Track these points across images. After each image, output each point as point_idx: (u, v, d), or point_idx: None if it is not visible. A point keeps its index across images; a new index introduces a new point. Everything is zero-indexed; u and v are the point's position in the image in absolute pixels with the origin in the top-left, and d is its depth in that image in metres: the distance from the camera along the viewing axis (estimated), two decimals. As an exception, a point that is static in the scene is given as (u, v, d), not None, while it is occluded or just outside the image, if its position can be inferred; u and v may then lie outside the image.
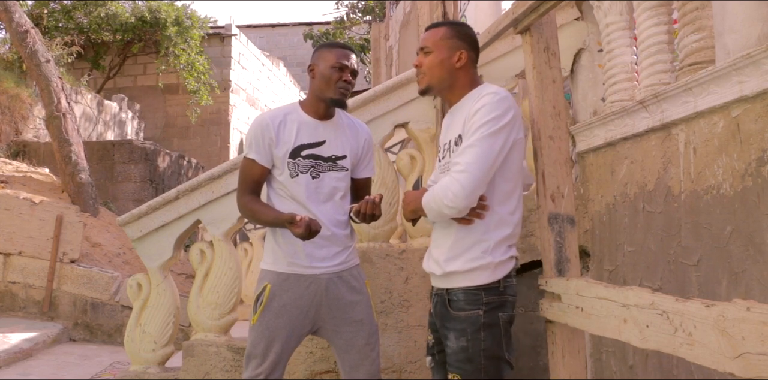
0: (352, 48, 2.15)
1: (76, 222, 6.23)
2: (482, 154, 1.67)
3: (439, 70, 1.83)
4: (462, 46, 1.83)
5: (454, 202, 1.67)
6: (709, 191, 1.95)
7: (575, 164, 2.88)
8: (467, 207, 1.70)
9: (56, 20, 11.46)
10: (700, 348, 1.12)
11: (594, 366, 2.74)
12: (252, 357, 2.04)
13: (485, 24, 3.90)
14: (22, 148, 8.74)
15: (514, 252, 1.79)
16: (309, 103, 2.11)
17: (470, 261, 1.73)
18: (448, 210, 1.69)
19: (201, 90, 11.95)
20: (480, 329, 1.71)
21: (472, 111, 1.73)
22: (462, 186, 1.65)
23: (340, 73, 2.04)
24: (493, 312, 1.72)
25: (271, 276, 2.07)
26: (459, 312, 1.74)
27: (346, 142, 2.12)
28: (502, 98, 1.73)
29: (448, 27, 1.86)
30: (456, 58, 1.81)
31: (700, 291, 2.00)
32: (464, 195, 1.66)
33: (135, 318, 2.94)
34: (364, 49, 13.75)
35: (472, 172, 1.66)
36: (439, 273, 1.80)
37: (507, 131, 1.70)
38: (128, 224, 3.01)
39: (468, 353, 1.71)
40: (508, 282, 1.76)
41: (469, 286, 1.73)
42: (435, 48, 1.83)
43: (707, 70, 1.89)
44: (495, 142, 1.68)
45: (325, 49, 2.10)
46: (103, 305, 6.07)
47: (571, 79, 3.06)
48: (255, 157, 2.06)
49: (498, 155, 1.69)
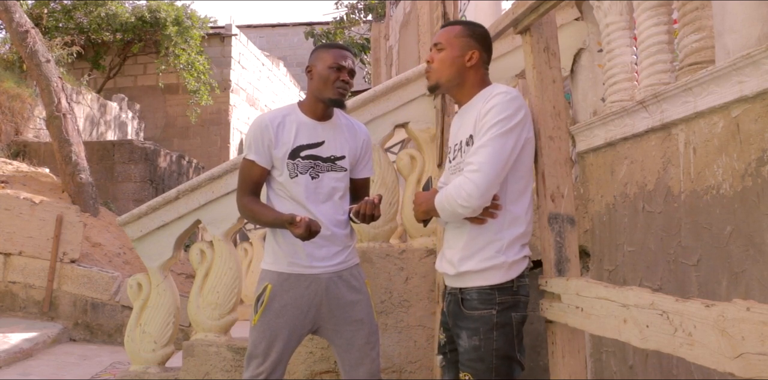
0: (349, 49, 2.15)
1: (76, 222, 6.24)
2: (495, 153, 1.67)
3: (449, 68, 1.83)
4: (475, 46, 1.83)
5: (468, 202, 1.67)
6: (709, 191, 1.95)
7: (575, 164, 2.88)
8: (481, 207, 1.70)
9: (56, 20, 11.47)
10: (700, 348, 1.12)
11: (594, 366, 2.74)
12: (253, 357, 2.04)
13: (485, 24, 3.89)
14: (23, 148, 8.74)
15: (528, 251, 1.79)
16: (307, 103, 2.11)
17: (484, 261, 1.73)
18: (462, 209, 1.70)
19: (201, 90, 11.96)
20: (492, 328, 1.71)
21: (483, 111, 1.73)
22: (476, 185, 1.65)
23: (338, 73, 2.04)
24: (506, 312, 1.72)
25: (272, 277, 2.07)
26: (472, 311, 1.74)
27: (344, 143, 2.12)
28: (513, 97, 1.73)
29: (463, 26, 1.87)
30: (468, 57, 1.82)
31: (700, 291, 2.00)
32: (479, 194, 1.66)
33: (135, 318, 2.94)
34: (365, 49, 13.73)
35: (485, 172, 1.66)
36: (453, 273, 1.80)
37: (519, 130, 1.71)
38: (128, 224, 3.01)
39: (480, 352, 1.71)
40: (522, 281, 1.75)
41: (483, 286, 1.73)
42: (448, 45, 1.83)
43: (707, 70, 1.89)
44: (507, 141, 1.68)
45: (322, 50, 2.11)
46: (103, 305, 6.07)
47: (571, 79, 3.06)
48: (254, 158, 2.07)
49: (510, 154, 1.69)
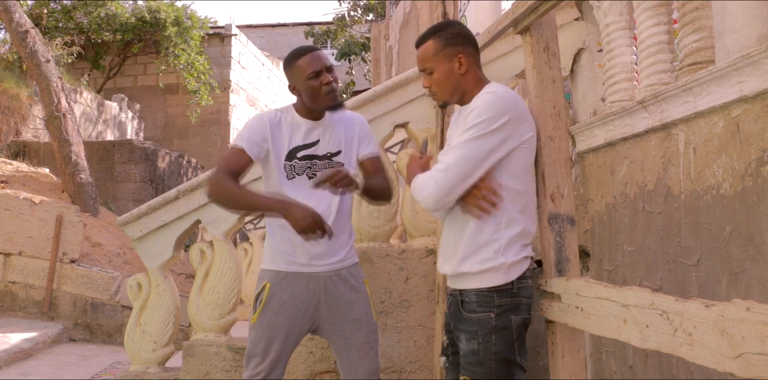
0: (313, 47, 2.08)
1: (76, 222, 6.24)
2: (466, 156, 1.65)
3: (447, 84, 1.79)
4: (457, 50, 1.76)
5: (426, 200, 1.70)
6: (709, 191, 1.95)
7: (575, 164, 2.88)
8: (438, 208, 1.72)
9: (56, 20, 11.48)
10: (699, 348, 1.12)
11: (594, 366, 2.74)
12: (252, 356, 2.04)
13: (485, 24, 3.90)
14: (22, 148, 8.75)
15: (529, 251, 1.75)
16: (302, 106, 2.09)
17: (482, 263, 1.70)
18: (422, 204, 1.73)
19: (201, 90, 11.97)
20: (491, 332, 1.68)
21: (468, 110, 1.72)
22: (439, 187, 1.66)
23: (318, 79, 1.99)
24: (505, 315, 1.68)
25: (270, 275, 2.07)
26: (471, 314, 1.71)
27: (339, 137, 2.11)
28: (500, 98, 1.69)
29: (434, 39, 1.78)
30: (457, 65, 1.76)
31: (699, 291, 2.00)
32: (437, 196, 1.67)
33: (135, 318, 2.94)
34: (365, 48, 13.71)
35: (451, 173, 1.65)
36: (452, 273, 1.77)
37: (500, 134, 1.66)
38: (128, 224, 3.01)
39: (479, 356, 1.68)
40: (522, 283, 1.71)
41: (481, 288, 1.70)
42: (434, 65, 1.78)
43: (707, 70, 1.89)
44: (483, 144, 1.65)
45: (291, 64, 2.03)
46: (103, 305, 6.07)
47: (571, 79, 3.06)
48: (245, 146, 2.01)
49: (486, 158, 1.65)
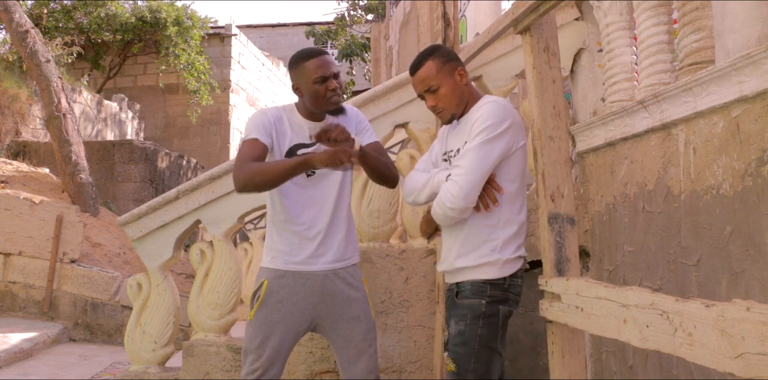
0: (322, 51, 2.08)
1: (76, 222, 6.24)
2: (480, 158, 1.79)
3: (454, 97, 1.91)
4: (455, 65, 1.92)
5: (453, 203, 1.80)
6: (709, 191, 1.95)
7: (575, 164, 2.88)
8: (466, 207, 1.81)
9: (56, 20, 11.49)
10: (699, 348, 1.12)
11: (594, 366, 2.74)
12: (248, 352, 2.05)
13: (485, 24, 3.90)
14: (22, 148, 8.75)
15: (523, 252, 1.89)
16: (304, 107, 2.09)
17: (479, 258, 1.84)
18: (450, 211, 1.82)
19: (201, 90, 11.97)
20: (480, 317, 1.81)
21: (473, 119, 1.85)
22: (460, 186, 1.78)
23: (324, 84, 1.99)
24: (494, 304, 1.82)
25: (269, 273, 2.08)
26: (463, 300, 1.85)
27: None
28: (501, 106, 1.85)
29: (431, 59, 1.91)
30: (459, 78, 1.91)
31: (699, 291, 2.00)
32: (462, 195, 1.78)
33: (135, 318, 2.94)
34: (366, 48, 13.71)
35: (469, 174, 1.78)
36: (450, 269, 1.92)
37: (505, 138, 1.81)
38: (128, 224, 3.01)
39: (464, 337, 1.80)
40: (514, 281, 1.85)
41: (476, 279, 1.84)
42: (439, 82, 1.89)
43: (707, 70, 1.88)
44: (492, 148, 1.79)
45: (300, 62, 2.02)
46: (103, 305, 6.07)
47: (571, 79, 3.06)
48: (258, 136, 2.00)
49: (495, 160, 1.81)
